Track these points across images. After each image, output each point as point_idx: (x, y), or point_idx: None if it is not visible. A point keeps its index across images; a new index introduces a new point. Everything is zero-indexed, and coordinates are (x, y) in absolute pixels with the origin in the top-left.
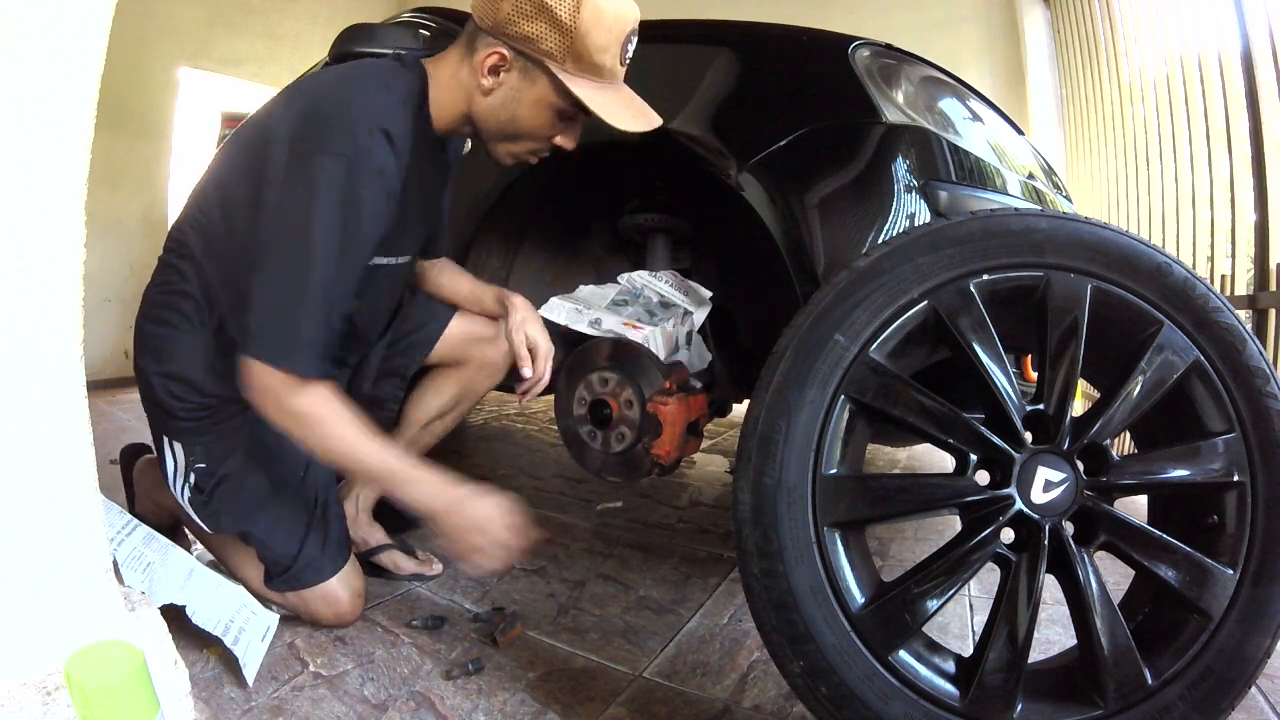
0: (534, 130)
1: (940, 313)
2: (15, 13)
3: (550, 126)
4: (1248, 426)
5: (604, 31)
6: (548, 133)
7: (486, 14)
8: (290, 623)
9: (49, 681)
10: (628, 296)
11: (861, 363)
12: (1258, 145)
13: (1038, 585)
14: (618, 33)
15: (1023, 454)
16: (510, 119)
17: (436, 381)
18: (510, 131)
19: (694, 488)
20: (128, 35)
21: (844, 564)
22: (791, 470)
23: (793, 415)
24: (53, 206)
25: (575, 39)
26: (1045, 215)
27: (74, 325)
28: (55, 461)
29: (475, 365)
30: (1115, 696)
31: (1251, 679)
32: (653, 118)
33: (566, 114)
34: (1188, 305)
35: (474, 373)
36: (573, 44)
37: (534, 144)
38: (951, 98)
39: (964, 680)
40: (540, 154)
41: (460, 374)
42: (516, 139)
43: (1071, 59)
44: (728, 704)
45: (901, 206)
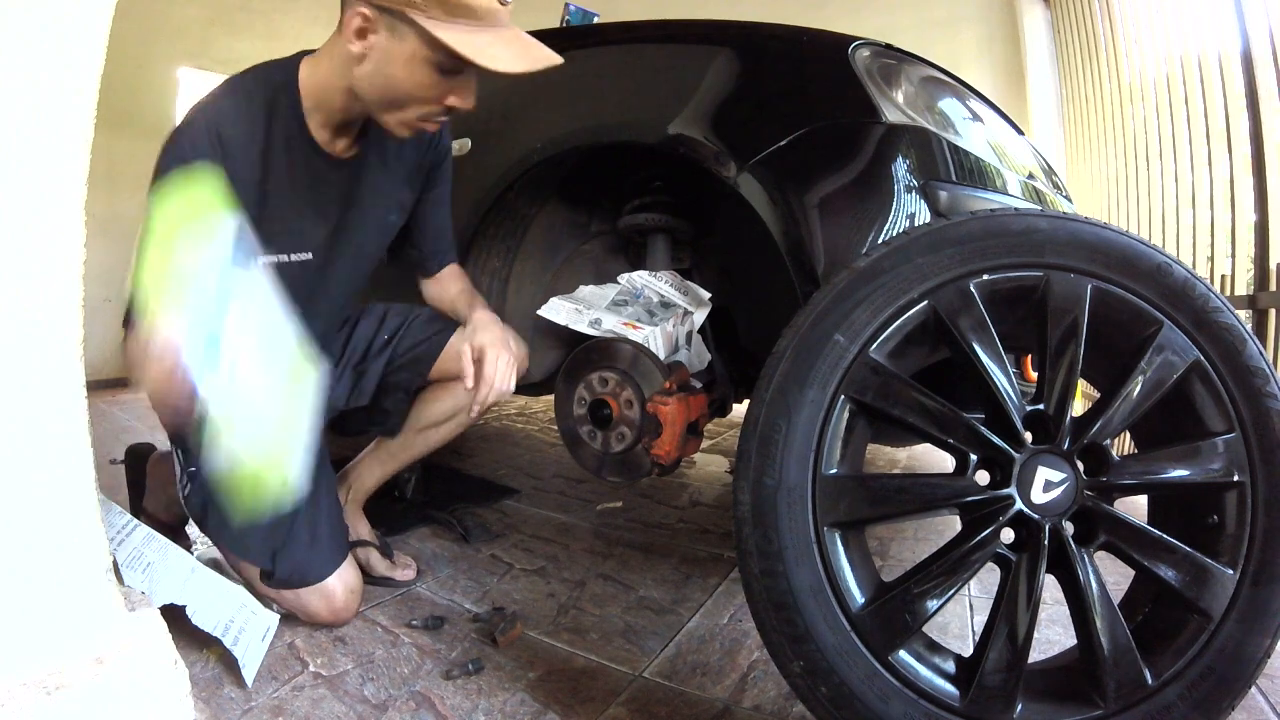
0: (416, 92)
1: (940, 313)
2: (15, 13)
3: (433, 85)
4: (1248, 426)
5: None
6: (433, 93)
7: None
8: (290, 622)
9: (49, 681)
10: (628, 297)
11: (861, 363)
12: (1258, 145)
13: (1038, 585)
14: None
15: (1023, 454)
16: (387, 83)
17: (435, 394)
18: (392, 97)
19: (694, 488)
20: (128, 35)
21: (844, 564)
22: (791, 470)
23: (793, 415)
24: (53, 206)
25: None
26: (1045, 215)
27: (74, 325)
28: (55, 461)
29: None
30: (1115, 696)
31: (1251, 679)
32: (545, 55)
33: (447, 68)
34: (1188, 305)
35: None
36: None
37: (422, 107)
38: (951, 98)
39: (964, 680)
40: (435, 118)
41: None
42: (402, 105)
43: (1071, 59)
44: (728, 704)
45: (901, 206)
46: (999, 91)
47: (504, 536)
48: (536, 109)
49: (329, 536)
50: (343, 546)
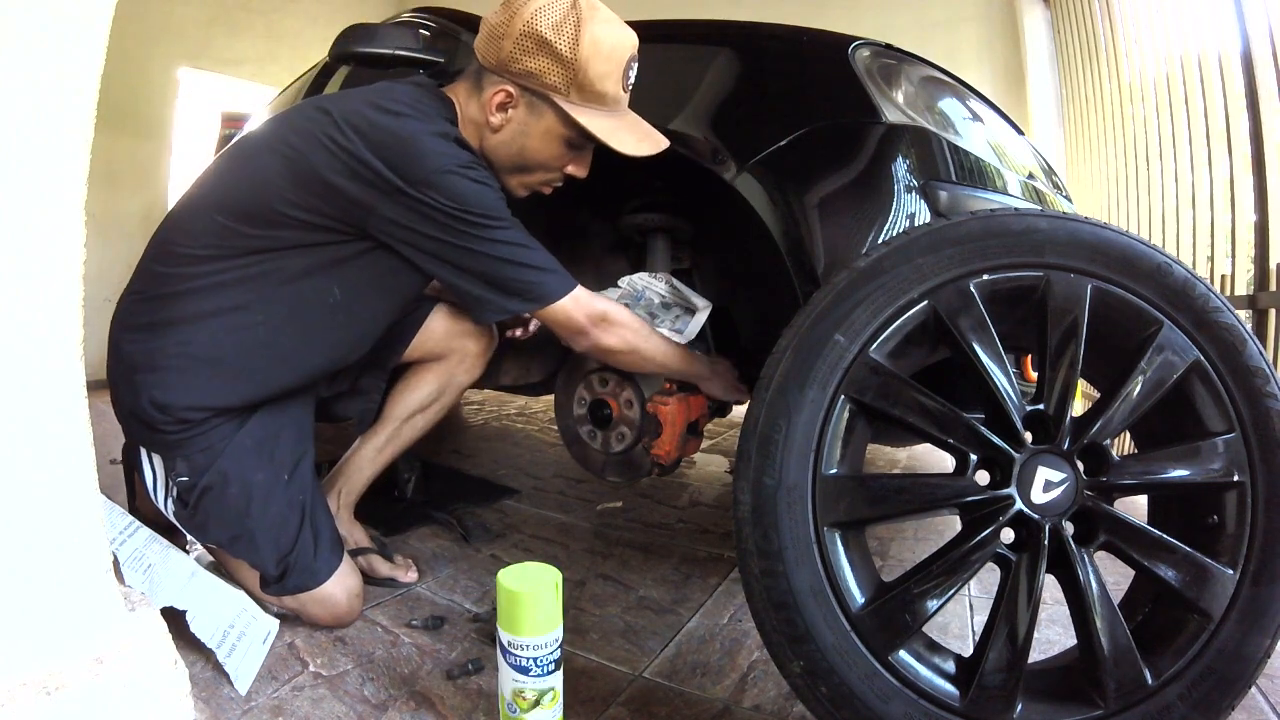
0: (545, 162)
1: (940, 313)
2: (15, 13)
3: (561, 157)
4: (1248, 426)
5: (604, 60)
6: (559, 164)
7: (490, 53)
8: (290, 622)
9: (49, 681)
10: (629, 299)
11: (861, 363)
12: (1258, 145)
13: (1038, 585)
14: (618, 60)
15: (1023, 454)
16: (520, 152)
17: (417, 375)
18: (521, 164)
19: (694, 488)
20: (128, 35)
21: (844, 564)
22: (791, 470)
23: (793, 415)
24: (53, 206)
25: (577, 71)
26: (1045, 215)
27: (74, 325)
28: (55, 461)
29: (455, 359)
30: (1115, 696)
31: (1251, 679)
32: (659, 140)
33: (575, 143)
34: (1188, 305)
35: (454, 366)
36: (575, 76)
37: (546, 174)
38: (951, 98)
39: (964, 680)
40: (553, 184)
41: (440, 368)
42: (528, 171)
43: (1071, 59)
44: (728, 704)
45: (901, 206)
46: (999, 91)
47: (504, 536)
48: None
49: (328, 541)
50: (340, 549)
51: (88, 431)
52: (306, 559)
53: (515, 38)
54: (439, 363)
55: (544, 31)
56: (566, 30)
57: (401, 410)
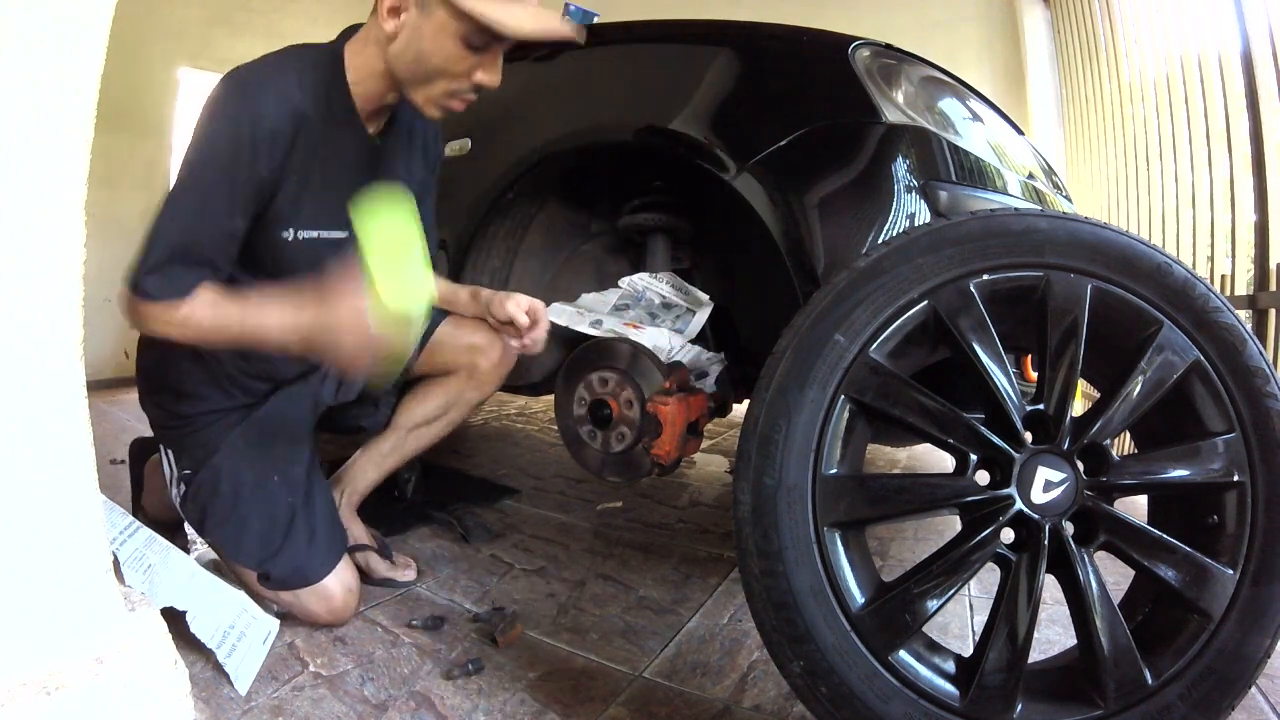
0: (444, 65)
1: (940, 313)
2: (15, 13)
3: (460, 58)
4: (1248, 426)
5: None
6: (460, 67)
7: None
8: (290, 622)
9: (49, 681)
10: (629, 300)
11: (861, 363)
12: (1258, 145)
13: (1038, 585)
14: None
15: (1023, 454)
16: (417, 58)
17: (428, 388)
18: (423, 72)
19: (694, 488)
20: (128, 35)
21: (844, 564)
22: (791, 470)
23: (793, 415)
24: (53, 206)
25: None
26: (1045, 215)
27: (74, 325)
28: (55, 461)
29: (465, 374)
30: (1115, 696)
31: (1251, 679)
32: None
33: (474, 42)
34: (1188, 305)
35: (464, 382)
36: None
37: (450, 82)
38: (951, 98)
39: (964, 680)
40: (463, 95)
41: (451, 383)
42: (430, 80)
43: (1071, 59)
44: (728, 704)
45: (901, 206)
46: (999, 91)
47: (504, 536)
48: (536, 109)
49: (325, 537)
50: (339, 546)
51: (88, 431)
52: (299, 556)
53: None
54: (451, 377)
55: None
56: None
57: (408, 420)
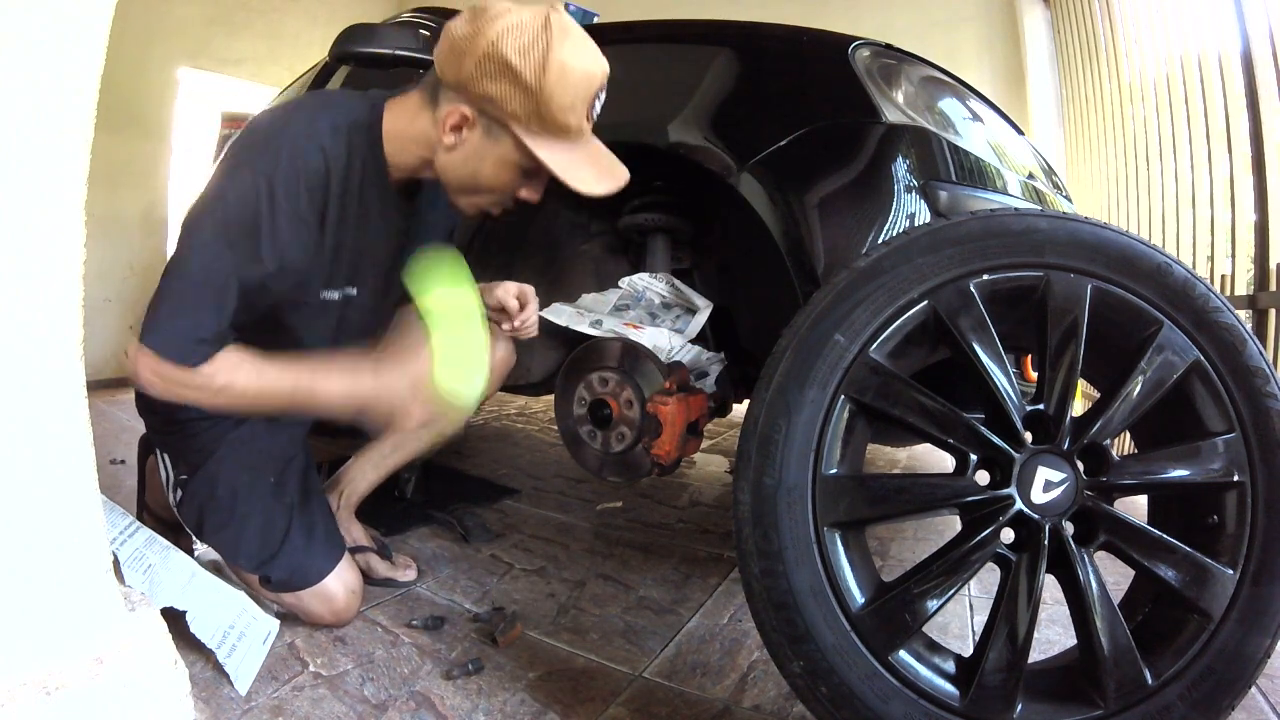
0: (496, 186)
1: (940, 313)
2: (15, 13)
3: (513, 183)
4: (1248, 426)
5: (569, 91)
6: (511, 189)
7: (450, 69)
8: (290, 622)
9: (49, 681)
10: (630, 301)
11: (861, 363)
12: (1258, 145)
13: (1038, 585)
14: (584, 91)
15: (1023, 454)
16: (472, 175)
17: None
18: (473, 186)
19: (694, 488)
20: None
21: (844, 564)
22: (791, 470)
23: (793, 415)
24: (53, 206)
25: (540, 101)
26: (1045, 215)
27: (74, 325)
28: (55, 461)
29: None
30: (1115, 696)
31: (1251, 679)
32: (619, 175)
33: (530, 171)
34: (1188, 305)
35: None
36: (538, 106)
37: (497, 198)
38: (951, 98)
39: (964, 680)
40: (503, 206)
41: None
42: (479, 193)
43: (1071, 59)
44: (728, 704)
45: (901, 206)
46: (999, 91)
47: (504, 536)
48: None
49: (324, 538)
50: (338, 547)
51: (88, 431)
52: (297, 558)
53: (478, 58)
54: None
55: (509, 55)
56: (533, 56)
57: None
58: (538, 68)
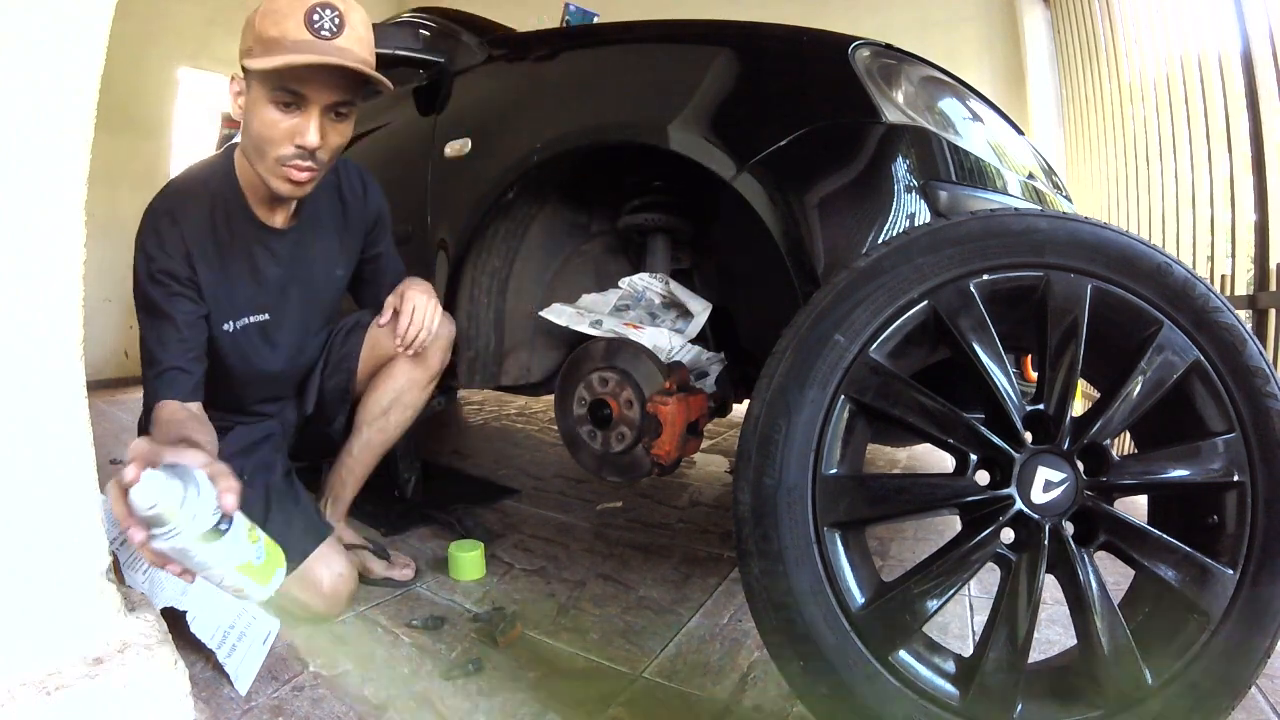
0: (266, 134)
1: (940, 313)
2: (15, 13)
3: (275, 123)
4: (1248, 426)
5: (275, 13)
6: (276, 131)
7: None
8: (291, 623)
9: (49, 681)
10: (630, 301)
11: (861, 363)
12: (1258, 145)
13: (1038, 585)
14: (293, 8)
15: (1023, 454)
16: (250, 133)
17: (375, 383)
18: (254, 146)
19: (694, 488)
20: (128, 35)
21: (844, 564)
22: (791, 470)
23: (793, 415)
24: (53, 206)
25: (258, 27)
26: (1045, 215)
27: (74, 325)
28: (55, 461)
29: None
30: (1115, 697)
31: (1251, 679)
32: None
33: (278, 99)
34: (1188, 305)
35: (407, 364)
36: (257, 32)
37: (276, 149)
38: (951, 98)
39: (964, 680)
40: (291, 161)
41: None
42: (263, 153)
43: (1071, 59)
44: (728, 704)
45: (901, 206)
46: (999, 91)
47: (504, 536)
48: (536, 110)
49: (301, 527)
50: (318, 533)
51: (88, 431)
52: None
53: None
54: (394, 363)
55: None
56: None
57: (366, 416)
58: (257, 6)
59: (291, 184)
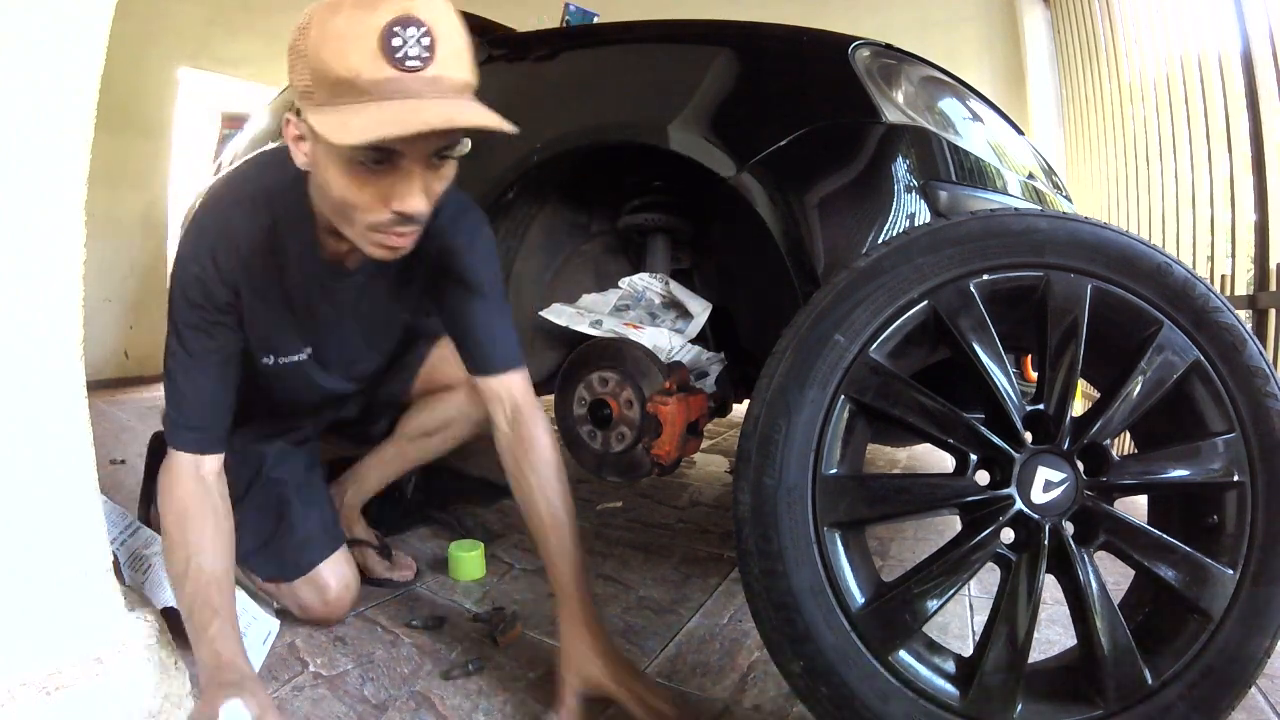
0: (349, 198)
1: (940, 313)
2: (15, 13)
3: (362, 186)
4: (1248, 427)
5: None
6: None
7: None
8: (291, 623)
9: (49, 681)
10: (629, 301)
11: (862, 363)
12: (1258, 145)
13: (1038, 585)
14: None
15: (1023, 454)
16: (323, 193)
17: (430, 401)
18: (334, 208)
19: (694, 488)
20: (128, 35)
21: (844, 564)
22: (791, 470)
23: (793, 415)
24: (53, 206)
25: (316, 59)
26: (1045, 215)
27: (74, 325)
28: (55, 461)
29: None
30: (1115, 697)
31: (1251, 679)
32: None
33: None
34: (1188, 305)
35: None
36: (316, 68)
37: (366, 214)
38: (951, 98)
39: (964, 680)
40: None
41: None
42: (347, 216)
43: (1071, 59)
44: (728, 704)
45: (901, 206)
46: (999, 91)
47: (504, 536)
48: (536, 110)
49: (320, 529)
50: (335, 539)
51: (88, 431)
52: (290, 547)
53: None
54: (453, 393)
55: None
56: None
57: (411, 429)
58: (302, 30)
59: (390, 249)
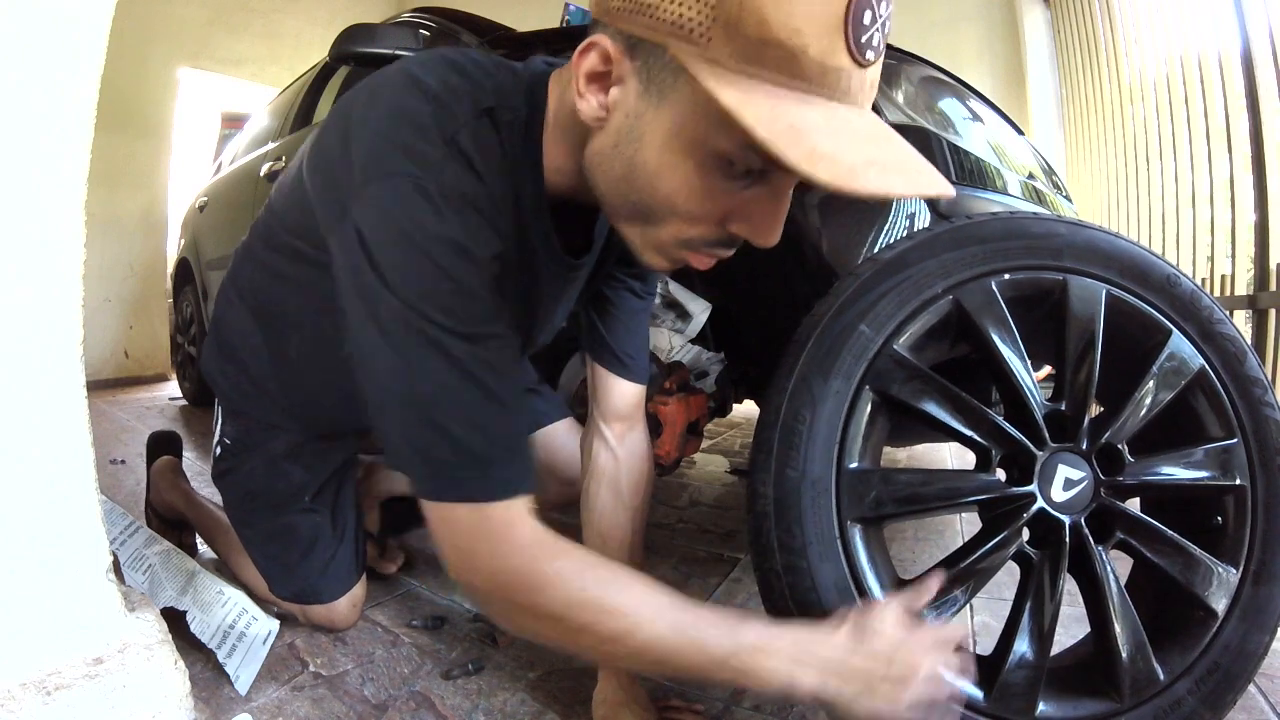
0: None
1: (965, 308)
2: (16, 13)
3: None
4: (1248, 434)
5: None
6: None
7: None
8: (291, 623)
9: (49, 681)
10: None
11: (887, 355)
12: (1258, 145)
13: (1060, 583)
14: None
15: (1045, 452)
16: (629, 172)
17: None
18: (638, 201)
19: (694, 488)
20: (128, 35)
21: (866, 561)
22: (816, 463)
23: (817, 406)
24: (53, 206)
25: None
26: (1063, 221)
27: (74, 325)
28: (55, 461)
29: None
30: (1130, 692)
31: (1252, 674)
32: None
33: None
34: (1195, 316)
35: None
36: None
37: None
38: (951, 98)
39: (986, 680)
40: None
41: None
42: (652, 218)
43: (1071, 59)
44: (728, 704)
45: (901, 206)
46: (999, 91)
47: None
48: None
49: (346, 569)
50: (358, 571)
51: (88, 431)
52: (312, 578)
53: None
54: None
55: None
56: None
57: None
58: None
59: (674, 265)
